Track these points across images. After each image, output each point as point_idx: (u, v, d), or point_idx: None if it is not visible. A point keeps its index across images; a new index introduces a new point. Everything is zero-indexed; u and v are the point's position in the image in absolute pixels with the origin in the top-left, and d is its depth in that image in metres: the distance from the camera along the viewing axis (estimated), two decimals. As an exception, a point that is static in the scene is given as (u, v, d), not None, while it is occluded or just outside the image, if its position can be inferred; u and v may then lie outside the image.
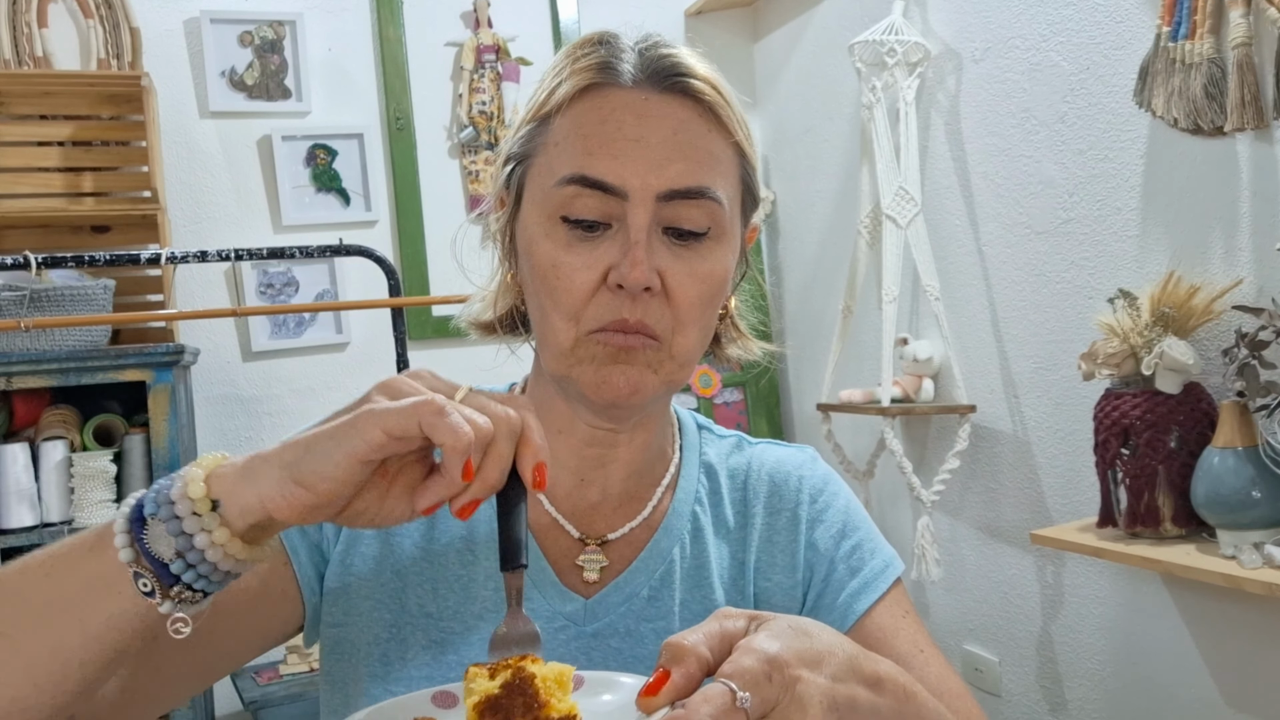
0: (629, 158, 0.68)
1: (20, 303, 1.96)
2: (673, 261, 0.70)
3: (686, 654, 0.51)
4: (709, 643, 0.51)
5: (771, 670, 0.50)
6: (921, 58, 2.14)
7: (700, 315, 0.72)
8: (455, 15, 2.66)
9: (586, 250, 0.69)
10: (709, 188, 0.70)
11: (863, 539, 0.82)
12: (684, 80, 0.71)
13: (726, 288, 0.74)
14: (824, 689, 0.51)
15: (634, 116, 0.70)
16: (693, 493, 0.82)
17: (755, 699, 0.48)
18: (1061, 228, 1.89)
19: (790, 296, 2.83)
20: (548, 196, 0.70)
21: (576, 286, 0.69)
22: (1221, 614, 1.64)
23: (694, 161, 0.70)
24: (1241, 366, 1.42)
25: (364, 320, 2.53)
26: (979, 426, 2.11)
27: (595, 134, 0.70)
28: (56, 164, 2.26)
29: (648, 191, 0.68)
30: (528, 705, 0.50)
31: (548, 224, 0.71)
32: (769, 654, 0.50)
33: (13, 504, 1.92)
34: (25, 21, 2.27)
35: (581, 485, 0.79)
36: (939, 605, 2.32)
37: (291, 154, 2.50)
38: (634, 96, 0.70)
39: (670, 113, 0.70)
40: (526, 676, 0.51)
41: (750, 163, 0.76)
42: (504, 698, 0.51)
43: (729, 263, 0.73)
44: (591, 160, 0.69)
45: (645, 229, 0.69)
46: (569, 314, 0.70)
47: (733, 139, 0.73)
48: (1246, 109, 1.46)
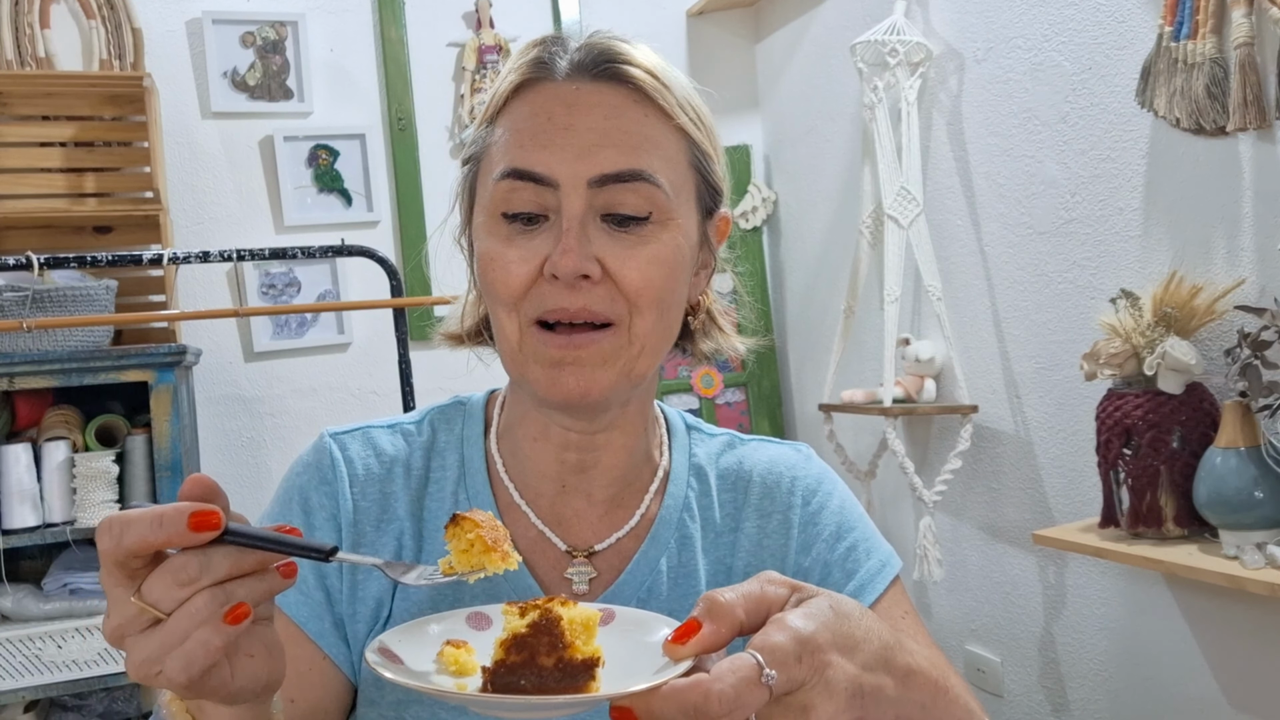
0: (558, 146, 0.68)
1: (23, 303, 1.96)
2: (612, 246, 0.69)
3: (721, 611, 0.50)
4: (746, 605, 0.51)
5: (803, 652, 0.49)
6: (923, 58, 2.14)
7: (654, 298, 0.69)
8: (457, 16, 2.66)
9: (524, 243, 0.69)
10: (643, 170, 0.69)
11: (858, 539, 0.81)
12: (615, 66, 0.71)
13: (678, 275, 0.72)
14: (852, 676, 0.51)
15: (564, 106, 0.69)
16: (681, 498, 0.80)
17: (781, 678, 0.48)
18: (1063, 228, 1.89)
19: (792, 296, 2.83)
20: (490, 194, 0.71)
21: (513, 277, 0.69)
22: (1224, 614, 1.63)
23: (626, 146, 0.69)
24: (1244, 367, 1.42)
25: (366, 320, 2.53)
26: (981, 427, 2.11)
27: (526, 127, 0.70)
28: (59, 164, 2.26)
29: (578, 179, 0.68)
30: (553, 645, 0.51)
31: (491, 222, 0.71)
32: (803, 634, 0.49)
33: (15, 504, 1.92)
34: (28, 22, 2.27)
35: (564, 492, 0.78)
36: (941, 605, 2.32)
37: (293, 154, 2.51)
38: (565, 88, 0.70)
39: (601, 100, 0.70)
40: (554, 618, 0.52)
41: (702, 149, 0.74)
42: (530, 636, 0.51)
43: (678, 247, 0.71)
44: (523, 153, 0.69)
45: (578, 217, 0.68)
46: (509, 305, 0.70)
47: (673, 122, 0.71)
48: (1249, 109, 1.46)
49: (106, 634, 0.50)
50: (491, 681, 0.51)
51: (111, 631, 0.50)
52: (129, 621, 0.50)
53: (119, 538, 0.48)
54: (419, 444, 0.81)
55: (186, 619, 0.49)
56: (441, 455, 0.80)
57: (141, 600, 0.49)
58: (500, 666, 0.51)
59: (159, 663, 0.49)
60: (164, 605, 0.49)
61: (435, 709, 0.72)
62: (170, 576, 0.49)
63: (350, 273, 2.53)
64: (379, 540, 0.76)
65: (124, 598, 0.49)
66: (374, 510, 0.77)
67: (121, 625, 0.50)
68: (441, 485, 0.79)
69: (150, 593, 0.49)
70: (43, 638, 1.91)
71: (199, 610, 0.49)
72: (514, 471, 0.79)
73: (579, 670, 0.51)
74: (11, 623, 1.95)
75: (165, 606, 0.49)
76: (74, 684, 1.94)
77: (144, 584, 0.49)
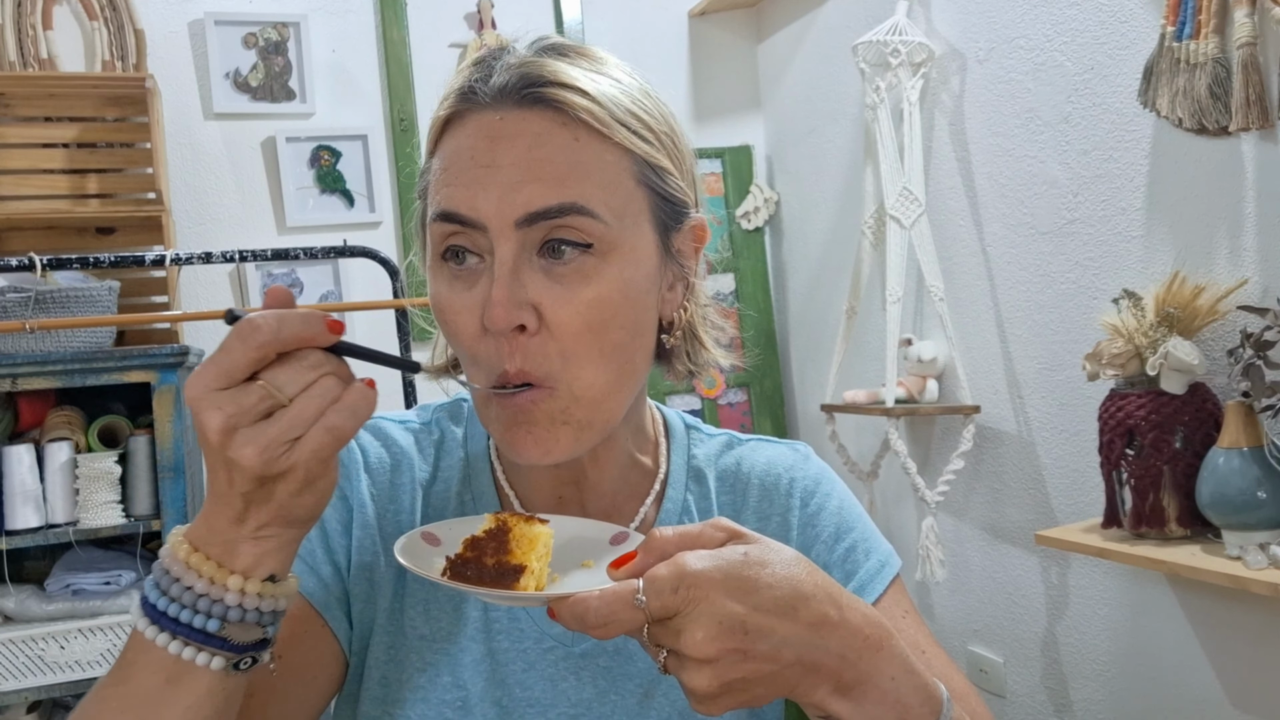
0: (481, 185, 0.64)
1: (25, 304, 1.96)
2: (549, 289, 0.64)
3: (655, 544, 0.56)
4: (681, 542, 0.56)
5: (679, 583, 0.53)
6: (925, 58, 2.14)
7: (592, 346, 0.65)
8: (459, 17, 2.67)
9: (463, 289, 0.66)
10: (574, 203, 0.63)
11: (857, 540, 0.80)
12: (537, 91, 0.65)
13: (628, 306, 0.67)
14: (731, 613, 0.53)
15: (486, 140, 0.65)
16: (680, 503, 0.80)
17: (654, 604, 0.53)
18: (1066, 228, 1.89)
19: (794, 297, 2.83)
20: (430, 235, 0.68)
21: (462, 331, 0.66)
22: (1226, 614, 1.63)
23: (552, 179, 0.64)
24: (1247, 367, 1.41)
25: (368, 321, 2.53)
26: (983, 427, 2.11)
27: (453, 165, 0.66)
28: (61, 166, 2.27)
29: (504, 220, 0.63)
30: (497, 549, 0.60)
31: (434, 263, 0.69)
32: (686, 569, 0.54)
33: (18, 505, 1.92)
34: (30, 24, 2.28)
35: (561, 503, 0.78)
36: (943, 606, 2.31)
37: (295, 155, 2.51)
38: (489, 118, 0.66)
39: (524, 129, 0.65)
40: (506, 528, 0.61)
41: (653, 163, 0.68)
42: (484, 539, 0.61)
43: (625, 280, 0.66)
44: (450, 193, 0.65)
45: (510, 260, 0.64)
46: (469, 361, 0.68)
47: (611, 141, 0.66)
48: (1251, 109, 1.46)
49: (211, 433, 0.51)
50: (450, 569, 0.60)
51: (222, 424, 0.51)
52: (245, 411, 0.52)
53: (277, 330, 0.52)
54: (428, 440, 0.81)
55: (318, 398, 0.53)
56: (449, 453, 0.81)
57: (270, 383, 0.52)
58: (458, 559, 0.60)
59: (287, 446, 0.52)
60: (290, 389, 0.52)
61: (441, 708, 0.73)
62: (299, 363, 0.53)
63: (352, 273, 2.54)
64: (385, 530, 0.77)
65: (243, 389, 0.52)
66: (383, 499, 0.77)
67: (235, 415, 0.51)
68: (447, 484, 0.79)
69: (276, 378, 0.52)
70: (45, 638, 1.92)
71: (329, 390, 0.53)
72: (514, 478, 0.80)
73: (509, 573, 0.59)
74: (14, 623, 1.96)
75: (291, 390, 0.52)
76: (77, 684, 1.94)
77: (267, 372, 0.53)
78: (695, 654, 0.53)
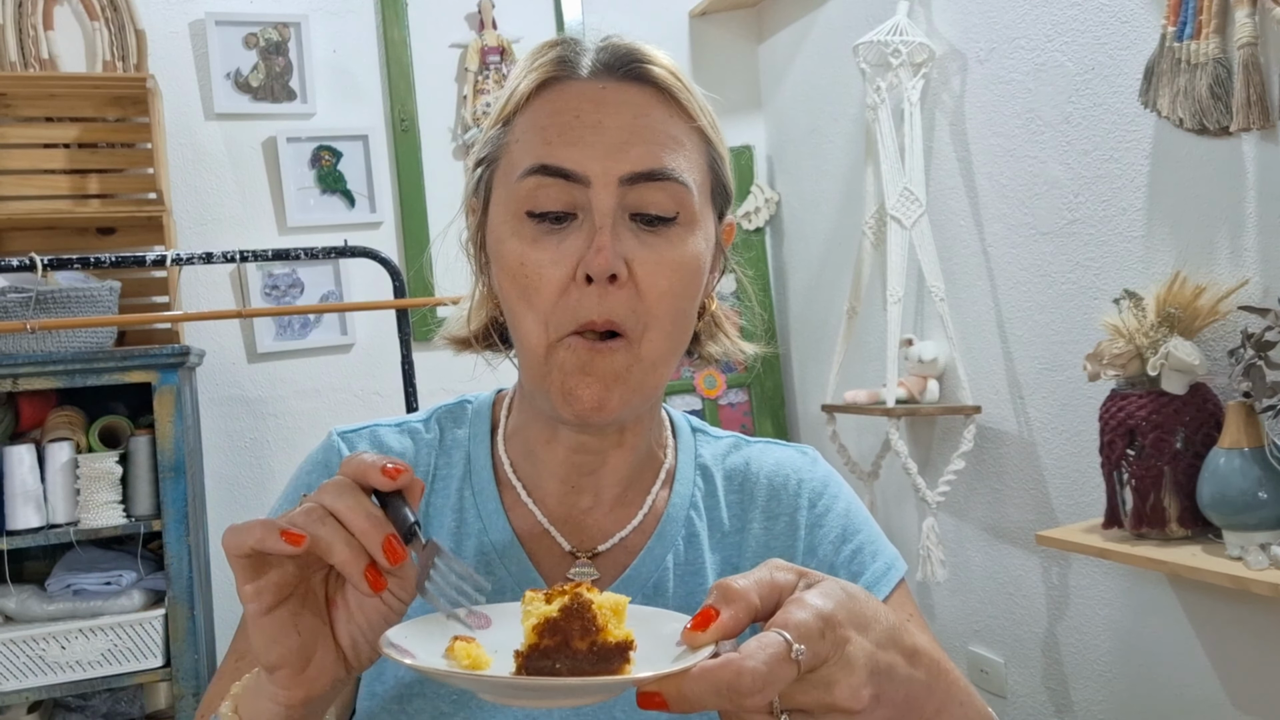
0: (588, 144, 0.68)
1: (26, 304, 1.96)
2: (640, 249, 0.68)
3: (736, 597, 0.51)
4: (759, 590, 0.52)
5: (825, 628, 0.49)
6: (926, 58, 2.14)
7: (671, 309, 0.69)
8: (459, 17, 2.67)
9: (553, 244, 0.68)
10: (673, 170, 0.68)
11: (863, 542, 0.81)
12: (640, 66, 0.71)
13: (699, 279, 0.72)
14: (869, 652, 0.51)
15: (591, 104, 0.69)
16: (688, 496, 0.81)
17: (809, 653, 0.48)
18: (1066, 228, 1.88)
19: (795, 297, 2.83)
20: (512, 194, 0.70)
21: (546, 283, 0.68)
22: (1227, 615, 1.63)
23: (655, 145, 0.68)
24: (1247, 367, 1.41)
25: (369, 321, 2.54)
26: (984, 427, 2.11)
27: (553, 124, 0.69)
28: (62, 166, 2.27)
29: (609, 176, 0.67)
30: (585, 629, 0.51)
31: (514, 222, 0.70)
32: (824, 611, 0.50)
33: (19, 505, 1.93)
34: (31, 24, 2.28)
35: (573, 491, 0.78)
36: (944, 606, 2.31)
37: (296, 156, 2.51)
38: (591, 86, 0.70)
39: (629, 99, 0.70)
40: (584, 602, 0.51)
41: (718, 151, 0.74)
42: (562, 621, 0.51)
43: (700, 251, 0.71)
44: (551, 149, 0.68)
45: (610, 214, 0.67)
46: (541, 315, 0.68)
47: (695, 124, 0.72)
48: (1252, 109, 1.46)
49: None
50: (526, 666, 0.51)
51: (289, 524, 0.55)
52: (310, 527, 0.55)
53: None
54: (426, 442, 0.81)
55: (358, 518, 0.55)
56: (448, 454, 0.81)
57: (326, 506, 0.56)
58: (534, 651, 0.51)
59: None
60: None
61: (437, 701, 0.72)
62: None
63: (353, 274, 2.54)
64: None
65: None
66: None
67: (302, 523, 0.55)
68: (447, 483, 0.79)
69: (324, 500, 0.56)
70: (46, 638, 1.92)
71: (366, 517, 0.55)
72: (523, 471, 0.79)
73: (613, 653, 0.50)
74: (15, 623, 1.96)
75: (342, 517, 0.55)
76: (77, 684, 1.94)
77: None
78: (853, 704, 0.50)
